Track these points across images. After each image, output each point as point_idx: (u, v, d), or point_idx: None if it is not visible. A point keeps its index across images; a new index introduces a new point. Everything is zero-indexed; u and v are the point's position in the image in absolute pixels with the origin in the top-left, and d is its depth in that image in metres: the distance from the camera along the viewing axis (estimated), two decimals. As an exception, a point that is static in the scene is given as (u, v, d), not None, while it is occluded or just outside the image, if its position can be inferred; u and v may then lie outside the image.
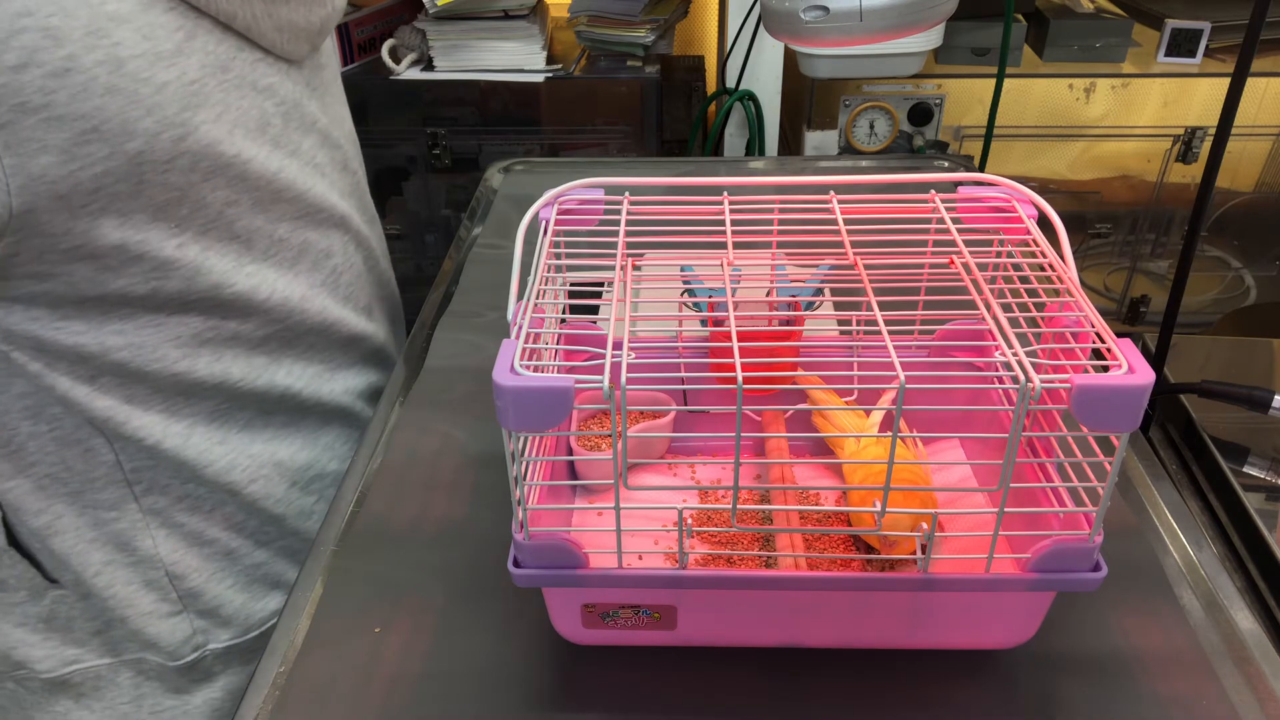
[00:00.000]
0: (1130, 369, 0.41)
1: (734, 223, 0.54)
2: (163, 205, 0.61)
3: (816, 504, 0.58)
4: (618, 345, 0.44)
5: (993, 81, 1.34)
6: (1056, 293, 0.50)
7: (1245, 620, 0.56)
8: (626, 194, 0.57)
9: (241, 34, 0.64)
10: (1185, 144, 1.55)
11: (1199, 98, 1.52)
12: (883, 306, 0.48)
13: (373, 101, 1.56)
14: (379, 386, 0.84)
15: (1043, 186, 1.60)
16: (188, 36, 0.60)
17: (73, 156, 0.55)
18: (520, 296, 0.48)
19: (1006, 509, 0.45)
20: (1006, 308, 0.47)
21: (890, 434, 0.44)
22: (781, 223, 0.57)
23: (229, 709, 0.78)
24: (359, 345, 0.82)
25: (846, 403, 0.59)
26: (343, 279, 0.78)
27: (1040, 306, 0.51)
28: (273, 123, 0.67)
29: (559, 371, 0.53)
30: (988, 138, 1.40)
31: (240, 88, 0.64)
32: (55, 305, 0.61)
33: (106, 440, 0.67)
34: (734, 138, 1.67)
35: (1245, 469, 0.77)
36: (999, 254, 0.56)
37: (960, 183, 0.57)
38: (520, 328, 0.45)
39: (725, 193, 0.56)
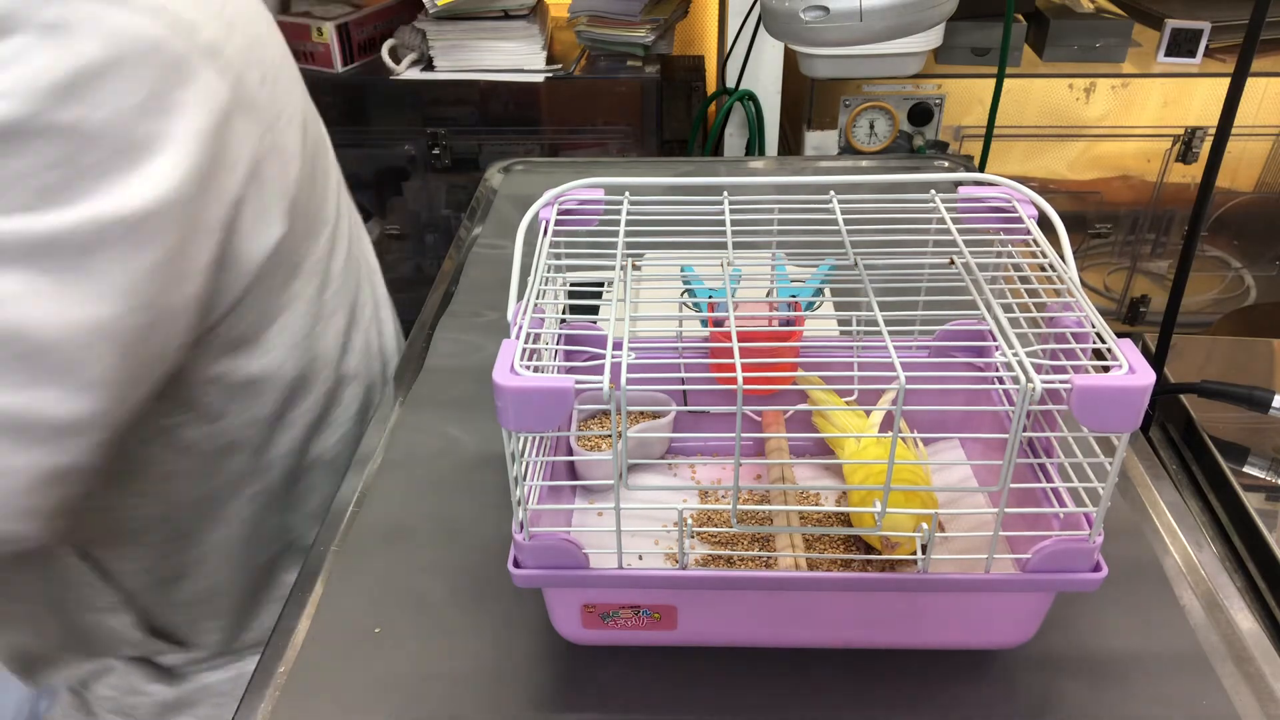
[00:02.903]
0: (1130, 369, 0.41)
1: (734, 223, 0.54)
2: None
3: (816, 504, 0.58)
4: (618, 345, 0.44)
5: (993, 81, 1.34)
6: (1057, 293, 0.50)
7: (1245, 620, 0.55)
8: (626, 194, 0.56)
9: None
10: (1185, 144, 1.55)
11: (1199, 98, 1.52)
12: (883, 306, 0.48)
13: (373, 101, 1.56)
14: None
15: (1043, 186, 1.60)
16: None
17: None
18: (520, 296, 0.48)
19: (1006, 509, 0.45)
20: (1007, 308, 0.47)
21: (890, 434, 0.44)
22: (781, 223, 0.57)
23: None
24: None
25: (846, 403, 0.59)
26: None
27: (1040, 306, 0.51)
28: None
29: (559, 371, 0.53)
30: (988, 138, 1.40)
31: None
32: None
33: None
34: (734, 138, 1.68)
35: (1245, 469, 0.77)
36: (999, 254, 0.56)
37: (960, 183, 0.57)
38: (520, 328, 0.45)
39: (725, 193, 0.56)
